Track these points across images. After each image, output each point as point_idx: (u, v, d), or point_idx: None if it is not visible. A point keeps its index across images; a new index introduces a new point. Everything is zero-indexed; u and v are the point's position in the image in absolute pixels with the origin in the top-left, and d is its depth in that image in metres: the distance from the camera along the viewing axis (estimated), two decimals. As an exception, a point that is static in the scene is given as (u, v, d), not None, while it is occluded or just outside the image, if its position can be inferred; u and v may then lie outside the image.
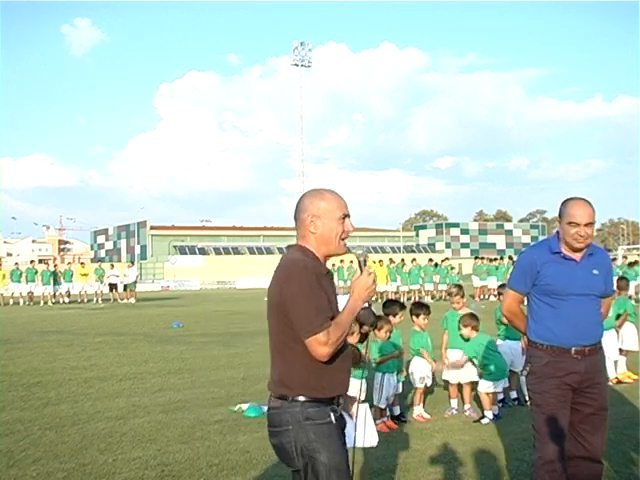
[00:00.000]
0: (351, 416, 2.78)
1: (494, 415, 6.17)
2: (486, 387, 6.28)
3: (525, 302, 3.86)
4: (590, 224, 3.53)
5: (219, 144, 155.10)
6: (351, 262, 26.81)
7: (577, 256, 3.62)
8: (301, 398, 2.50)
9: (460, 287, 7.27)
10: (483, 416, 6.21)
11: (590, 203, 3.60)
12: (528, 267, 3.70)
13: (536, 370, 3.66)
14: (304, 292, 2.45)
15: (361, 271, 2.61)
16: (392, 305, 6.56)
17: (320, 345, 2.42)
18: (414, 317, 6.59)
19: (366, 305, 2.62)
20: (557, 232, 3.70)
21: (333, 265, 25.59)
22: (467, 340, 6.47)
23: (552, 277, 3.60)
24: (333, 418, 2.53)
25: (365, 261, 2.65)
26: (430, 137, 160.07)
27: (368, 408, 2.70)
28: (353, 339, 5.35)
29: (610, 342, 7.88)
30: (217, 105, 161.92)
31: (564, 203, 3.64)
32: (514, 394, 6.87)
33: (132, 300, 27.17)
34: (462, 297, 7.00)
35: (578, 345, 3.55)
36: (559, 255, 3.62)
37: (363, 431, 2.76)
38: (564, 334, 3.56)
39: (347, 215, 2.66)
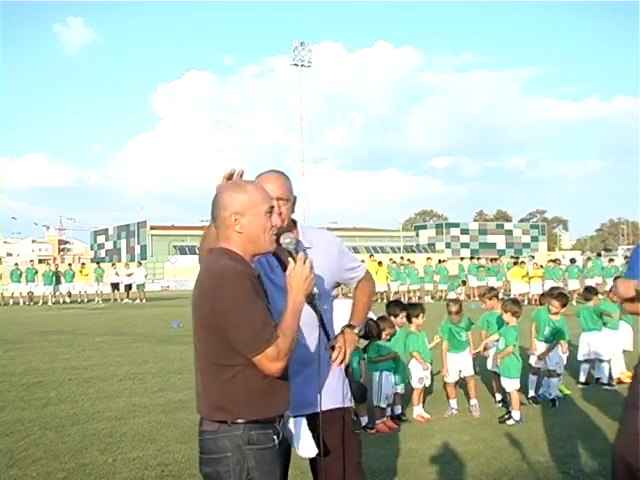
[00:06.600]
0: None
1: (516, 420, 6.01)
2: (513, 385, 6.16)
3: None
4: None
5: (216, 144, 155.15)
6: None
7: None
8: (242, 421, 2.22)
9: (494, 289, 7.96)
10: (509, 416, 6.06)
11: None
12: None
13: None
14: (242, 304, 2.15)
15: (294, 261, 2.28)
16: (393, 306, 6.73)
17: (271, 361, 2.16)
18: (413, 318, 6.60)
19: (315, 292, 2.32)
20: None
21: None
22: (501, 326, 6.58)
23: None
24: (277, 441, 2.29)
25: (297, 249, 2.32)
26: (427, 137, 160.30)
27: (304, 421, 2.45)
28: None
29: (614, 341, 7.90)
30: (213, 105, 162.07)
31: None
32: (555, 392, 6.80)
33: (143, 300, 27.10)
34: (496, 298, 7.35)
35: None
36: None
37: (299, 443, 2.53)
38: None
39: (273, 207, 2.40)
